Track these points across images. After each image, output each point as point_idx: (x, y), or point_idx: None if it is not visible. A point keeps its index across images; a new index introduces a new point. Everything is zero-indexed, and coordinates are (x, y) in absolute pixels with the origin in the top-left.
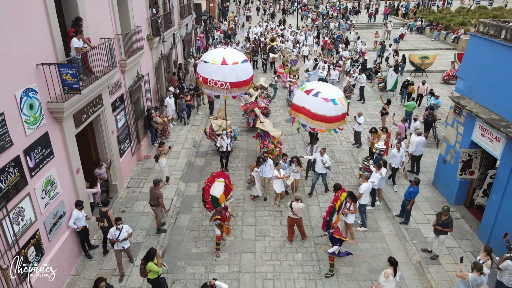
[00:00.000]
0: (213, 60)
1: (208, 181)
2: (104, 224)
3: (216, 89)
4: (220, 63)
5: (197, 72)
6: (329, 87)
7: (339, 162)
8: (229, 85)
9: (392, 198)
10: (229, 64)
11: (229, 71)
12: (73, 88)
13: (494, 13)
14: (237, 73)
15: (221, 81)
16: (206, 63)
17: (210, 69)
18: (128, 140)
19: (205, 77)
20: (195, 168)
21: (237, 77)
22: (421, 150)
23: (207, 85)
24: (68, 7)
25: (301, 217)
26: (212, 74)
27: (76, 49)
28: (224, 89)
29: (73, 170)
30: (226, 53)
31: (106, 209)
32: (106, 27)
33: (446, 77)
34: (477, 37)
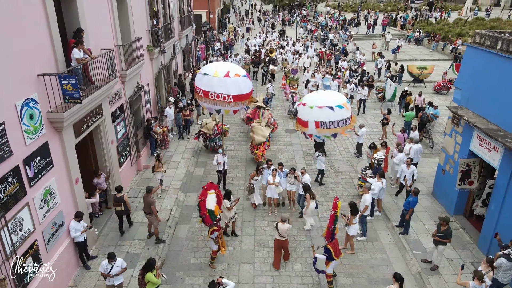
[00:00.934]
0: (215, 73)
1: (202, 195)
2: (122, 208)
3: (218, 103)
4: (223, 75)
5: (196, 86)
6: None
7: (338, 172)
8: (231, 98)
9: (392, 208)
10: (232, 77)
11: (232, 83)
12: (74, 98)
13: (491, 24)
14: (240, 86)
15: (224, 94)
16: (207, 76)
17: (212, 82)
18: (127, 150)
19: (206, 90)
20: (195, 178)
21: (239, 90)
22: (418, 157)
23: (208, 99)
24: (70, 18)
25: (287, 238)
26: (214, 86)
27: (76, 60)
28: (227, 103)
29: (72, 180)
30: (228, 66)
31: (121, 194)
32: (107, 38)
33: (437, 87)
34: (474, 48)
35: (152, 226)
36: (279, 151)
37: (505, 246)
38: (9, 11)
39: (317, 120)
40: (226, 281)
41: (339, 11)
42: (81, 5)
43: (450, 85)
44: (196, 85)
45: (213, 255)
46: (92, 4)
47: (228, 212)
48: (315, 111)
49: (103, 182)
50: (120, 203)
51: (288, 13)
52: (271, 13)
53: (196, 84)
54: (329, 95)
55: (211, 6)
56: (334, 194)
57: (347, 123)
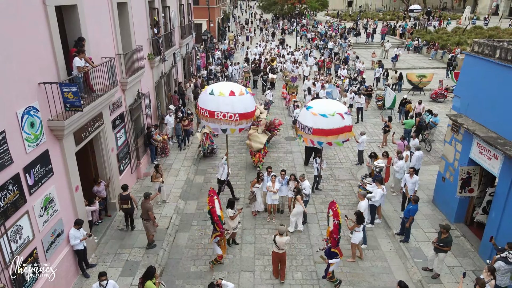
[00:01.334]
0: (220, 92)
1: (210, 202)
2: (128, 205)
3: (225, 122)
4: (228, 94)
5: (201, 106)
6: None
7: (338, 180)
8: (238, 117)
9: (392, 216)
10: (237, 95)
11: (238, 102)
12: (75, 106)
13: (489, 33)
14: (245, 104)
15: (230, 112)
16: (212, 95)
17: (217, 101)
18: (127, 157)
19: (212, 110)
20: (194, 186)
21: (245, 108)
22: (420, 164)
23: (214, 119)
24: (71, 27)
25: (285, 251)
26: (220, 106)
27: (78, 68)
28: (233, 121)
29: (72, 188)
30: (231, 85)
31: (127, 192)
32: (108, 47)
33: (434, 95)
34: (472, 57)
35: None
36: (279, 158)
37: (501, 250)
38: (11, 19)
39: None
40: (225, 283)
41: (339, 20)
42: (83, 15)
43: (446, 93)
44: (201, 106)
45: (219, 259)
46: (93, 13)
47: (231, 222)
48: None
49: (102, 190)
50: (126, 200)
51: (288, 22)
52: (271, 22)
53: (200, 105)
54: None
55: (211, 15)
56: None
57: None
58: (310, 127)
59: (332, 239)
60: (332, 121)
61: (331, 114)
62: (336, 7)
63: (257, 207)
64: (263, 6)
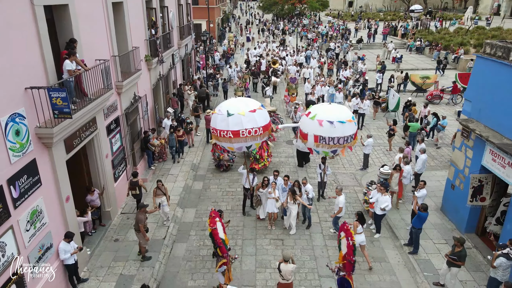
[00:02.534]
0: (241, 112)
1: (212, 223)
2: (137, 191)
3: (251, 138)
4: (249, 111)
5: (219, 129)
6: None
7: (342, 186)
8: (262, 130)
9: (399, 225)
10: (257, 110)
11: (259, 116)
12: (64, 113)
13: (492, 33)
14: (265, 116)
15: (255, 127)
16: (231, 115)
17: (240, 120)
18: (123, 163)
19: (236, 130)
20: (193, 193)
21: (265, 120)
22: (425, 167)
23: (239, 138)
24: (62, 28)
25: (292, 281)
26: (243, 124)
27: (68, 72)
28: (258, 136)
29: (63, 199)
30: (246, 101)
31: (136, 179)
32: (102, 48)
33: (429, 96)
34: (484, 59)
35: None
36: (280, 163)
37: (503, 246)
38: None
39: (316, 134)
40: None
41: (343, 21)
42: (75, 15)
43: (442, 94)
44: (220, 129)
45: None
46: (86, 13)
47: None
48: (315, 124)
49: (96, 199)
50: (135, 186)
51: (288, 22)
52: (271, 22)
53: (219, 128)
54: (335, 109)
55: (211, 15)
56: None
57: (348, 141)
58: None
59: (347, 263)
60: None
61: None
62: (336, 7)
63: (261, 212)
64: (263, 6)
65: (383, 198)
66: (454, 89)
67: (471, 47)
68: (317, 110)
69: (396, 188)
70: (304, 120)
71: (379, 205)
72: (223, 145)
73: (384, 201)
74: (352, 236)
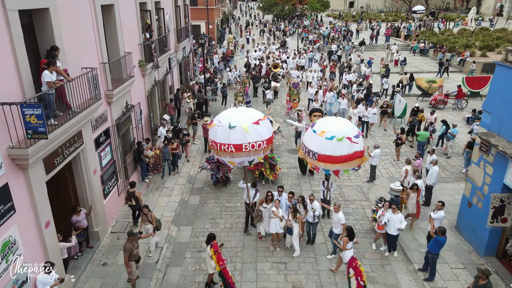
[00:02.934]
0: (244, 124)
1: (220, 260)
2: (132, 203)
3: (254, 152)
4: (252, 122)
5: (219, 142)
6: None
7: (348, 201)
8: (266, 143)
9: (412, 246)
10: (260, 122)
11: (263, 127)
12: (38, 132)
13: (497, 35)
14: (268, 127)
15: (259, 141)
16: (234, 128)
17: (243, 133)
18: (114, 178)
19: (239, 144)
20: (189, 208)
21: (269, 132)
22: (436, 179)
23: (241, 152)
24: (43, 34)
25: None
26: (247, 137)
27: (47, 84)
28: (262, 150)
29: (41, 225)
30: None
31: (133, 190)
32: (90, 55)
33: (433, 101)
34: (505, 67)
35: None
36: (282, 175)
37: None
38: None
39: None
40: None
41: (345, 22)
42: (57, 20)
43: (446, 99)
44: (221, 142)
45: None
46: (71, 17)
47: (208, 260)
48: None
49: (83, 220)
50: (131, 198)
51: (289, 23)
52: (271, 23)
53: (219, 141)
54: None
55: (210, 16)
56: None
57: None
58: (315, 152)
59: None
60: (341, 146)
61: (339, 139)
62: (337, 8)
63: (262, 229)
64: (263, 7)
65: (397, 217)
66: (459, 93)
67: (477, 49)
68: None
69: (414, 210)
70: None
71: (395, 226)
72: (223, 159)
73: (399, 220)
74: (362, 276)
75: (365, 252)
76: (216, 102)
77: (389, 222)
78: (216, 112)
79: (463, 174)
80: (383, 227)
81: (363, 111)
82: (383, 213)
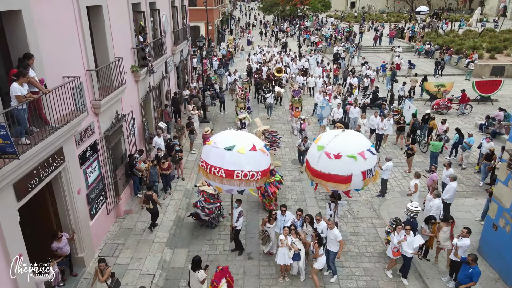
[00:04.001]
0: (240, 148)
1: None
2: (150, 206)
3: (246, 183)
4: (249, 149)
5: (210, 164)
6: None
7: (358, 219)
8: (260, 175)
9: (431, 274)
10: (258, 150)
11: (260, 157)
12: (8, 153)
13: (504, 36)
14: (266, 159)
15: (253, 171)
16: (230, 151)
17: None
18: (102, 196)
19: (230, 170)
20: (185, 227)
21: (266, 163)
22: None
23: (232, 179)
24: (16, 40)
25: None
26: (242, 164)
27: (17, 98)
28: (255, 181)
29: (11, 259)
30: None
31: (150, 193)
32: (73, 62)
33: (435, 106)
34: None
35: None
36: (286, 189)
37: None
38: None
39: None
40: None
41: (349, 23)
42: (31, 23)
43: (450, 104)
44: (212, 164)
45: None
46: (50, 21)
47: (198, 286)
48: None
49: (65, 246)
50: (148, 201)
51: (290, 24)
52: (272, 24)
53: (211, 163)
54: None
55: (210, 17)
56: (356, 250)
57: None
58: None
59: None
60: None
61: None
62: (338, 8)
63: (272, 247)
64: (264, 7)
65: (410, 238)
66: (462, 98)
67: (484, 51)
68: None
69: (447, 244)
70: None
71: (411, 245)
72: (210, 182)
73: (417, 240)
74: None
75: (379, 281)
76: (215, 108)
77: (404, 243)
78: (215, 119)
79: (481, 188)
80: (399, 253)
81: (378, 123)
82: (405, 238)
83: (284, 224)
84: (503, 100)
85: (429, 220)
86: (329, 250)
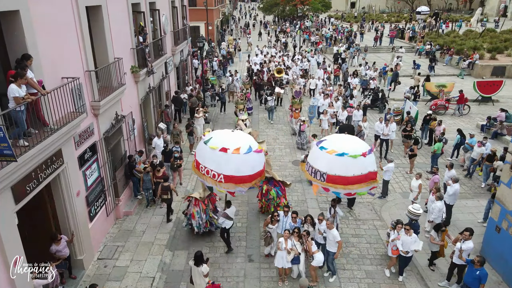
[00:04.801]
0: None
1: None
2: (168, 196)
3: (210, 180)
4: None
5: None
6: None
7: (359, 221)
8: (223, 178)
9: (432, 277)
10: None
11: (227, 160)
12: (5, 155)
13: (505, 37)
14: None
15: (214, 171)
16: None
17: (204, 153)
18: (102, 197)
19: (198, 162)
20: (185, 229)
21: (236, 170)
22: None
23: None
24: (14, 41)
25: None
26: (205, 160)
27: (15, 99)
28: (217, 182)
29: (9, 263)
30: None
31: (168, 184)
32: (72, 63)
33: (434, 106)
34: None
35: None
36: (286, 190)
37: None
38: None
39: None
40: None
41: (350, 24)
42: (29, 24)
43: (448, 104)
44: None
45: None
46: (48, 21)
47: (202, 280)
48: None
49: (64, 249)
50: (166, 191)
51: (290, 24)
52: (273, 24)
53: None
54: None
55: (210, 17)
56: (358, 252)
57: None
58: (323, 173)
59: None
60: (353, 165)
61: (352, 156)
62: (338, 8)
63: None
64: (264, 7)
65: (411, 238)
66: (460, 98)
67: (485, 51)
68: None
69: None
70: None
71: (409, 247)
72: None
73: (413, 241)
74: None
75: (381, 283)
76: (215, 108)
77: (402, 243)
78: (215, 119)
79: (483, 189)
80: (398, 252)
81: (382, 128)
82: (399, 237)
83: (286, 225)
84: (504, 101)
85: (439, 228)
86: (328, 250)
